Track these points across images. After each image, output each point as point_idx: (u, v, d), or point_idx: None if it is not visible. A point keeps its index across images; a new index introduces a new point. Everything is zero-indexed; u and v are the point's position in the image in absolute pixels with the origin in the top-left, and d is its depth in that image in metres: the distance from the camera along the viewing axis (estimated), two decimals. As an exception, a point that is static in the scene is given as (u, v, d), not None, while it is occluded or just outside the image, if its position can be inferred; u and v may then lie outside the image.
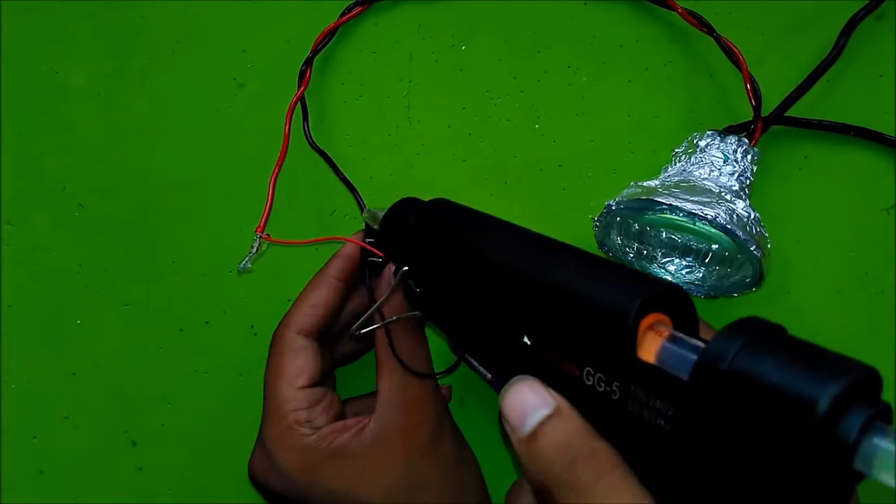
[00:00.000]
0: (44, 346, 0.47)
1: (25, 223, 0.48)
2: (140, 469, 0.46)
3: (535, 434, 0.24)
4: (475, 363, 0.42)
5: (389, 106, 0.47)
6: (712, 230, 0.36)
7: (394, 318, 0.36)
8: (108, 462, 0.46)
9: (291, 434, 0.35)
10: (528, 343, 0.27)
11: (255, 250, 0.43)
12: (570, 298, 0.25)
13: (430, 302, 0.35)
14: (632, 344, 0.23)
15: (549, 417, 0.24)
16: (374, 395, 0.40)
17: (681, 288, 0.25)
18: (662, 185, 0.39)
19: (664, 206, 0.36)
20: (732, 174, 0.39)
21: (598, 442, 0.23)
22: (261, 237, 0.43)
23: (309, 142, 0.45)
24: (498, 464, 0.44)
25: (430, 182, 0.46)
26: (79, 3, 0.48)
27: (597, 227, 0.40)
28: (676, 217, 0.37)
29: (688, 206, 0.36)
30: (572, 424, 0.24)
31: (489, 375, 0.42)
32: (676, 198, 0.36)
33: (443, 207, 0.36)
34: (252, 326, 0.46)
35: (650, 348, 0.23)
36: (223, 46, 0.48)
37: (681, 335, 0.23)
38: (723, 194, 0.37)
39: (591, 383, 0.24)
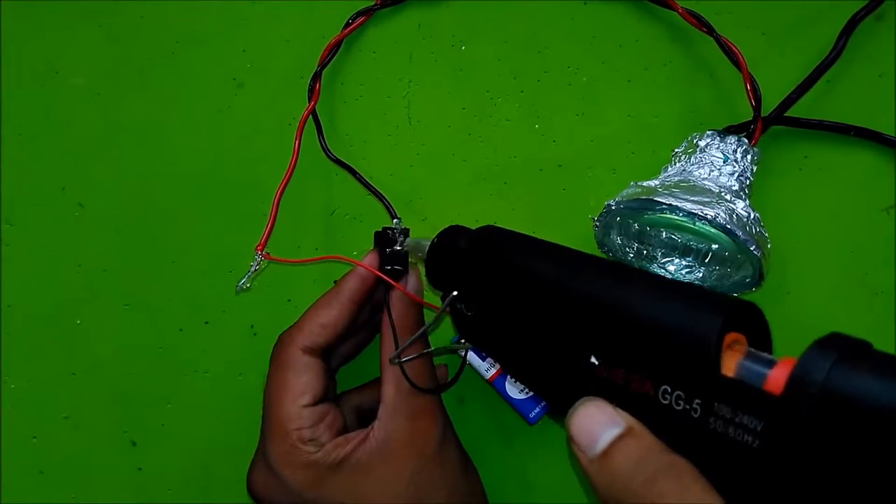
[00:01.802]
0: (44, 346, 0.47)
1: (25, 223, 0.48)
2: (140, 469, 0.46)
3: (607, 453, 0.23)
4: (475, 361, 0.42)
5: (389, 106, 0.47)
6: (712, 230, 0.36)
7: (433, 348, 0.37)
8: (108, 462, 0.46)
9: (296, 452, 0.35)
10: (596, 364, 0.27)
11: (254, 269, 0.42)
12: (647, 317, 0.25)
13: (481, 326, 0.34)
14: (716, 361, 0.23)
15: (621, 436, 0.24)
16: (372, 387, 0.40)
17: (756, 306, 0.25)
18: (662, 185, 0.39)
19: (664, 206, 0.36)
20: (732, 174, 0.39)
21: (675, 457, 0.23)
22: (261, 256, 0.42)
23: (327, 155, 0.45)
24: (498, 464, 0.44)
25: (430, 182, 0.46)
26: (79, 3, 0.48)
27: (597, 227, 0.40)
28: (676, 217, 0.37)
29: (688, 206, 0.36)
30: (646, 441, 0.23)
31: (489, 375, 0.42)
32: (676, 198, 0.36)
33: (493, 231, 0.36)
34: (252, 326, 0.46)
35: (729, 365, 0.23)
36: (223, 46, 0.48)
37: (758, 352, 0.23)
38: (723, 194, 0.37)
39: (667, 402, 0.24)
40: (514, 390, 0.42)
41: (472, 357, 0.42)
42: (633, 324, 0.26)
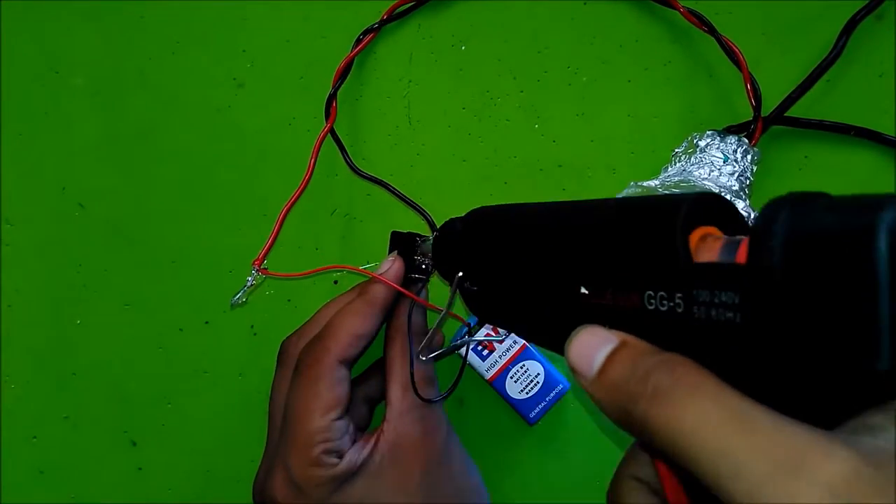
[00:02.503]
0: (44, 346, 0.47)
1: (25, 223, 0.48)
2: (140, 469, 0.46)
3: (603, 369, 0.24)
4: (475, 361, 0.42)
5: (389, 106, 0.47)
6: (712, 230, 0.36)
7: (442, 349, 0.38)
8: (108, 462, 0.46)
9: (321, 463, 0.35)
10: (586, 293, 0.27)
11: (250, 283, 0.42)
12: (617, 230, 0.26)
13: (487, 298, 0.35)
14: (685, 249, 0.23)
15: (614, 350, 0.24)
16: (377, 376, 0.40)
17: (720, 195, 0.25)
18: (662, 185, 0.39)
19: (664, 206, 0.36)
20: (732, 174, 0.39)
21: (667, 353, 0.23)
22: (257, 270, 0.42)
23: (355, 171, 0.45)
24: (499, 463, 0.44)
25: (430, 182, 0.46)
26: (79, 3, 0.48)
27: (597, 226, 0.40)
28: (676, 217, 0.37)
29: (688, 205, 0.36)
30: (639, 348, 0.23)
31: (489, 375, 0.42)
32: (676, 198, 0.36)
33: (481, 210, 0.37)
34: (252, 326, 0.46)
35: (706, 256, 0.23)
36: (223, 46, 0.48)
37: (731, 237, 0.23)
38: (723, 194, 0.37)
39: (653, 307, 0.24)
40: (514, 390, 0.42)
41: (472, 357, 0.42)
42: (606, 242, 0.26)
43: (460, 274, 0.35)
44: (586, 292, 0.27)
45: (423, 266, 0.40)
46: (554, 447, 0.45)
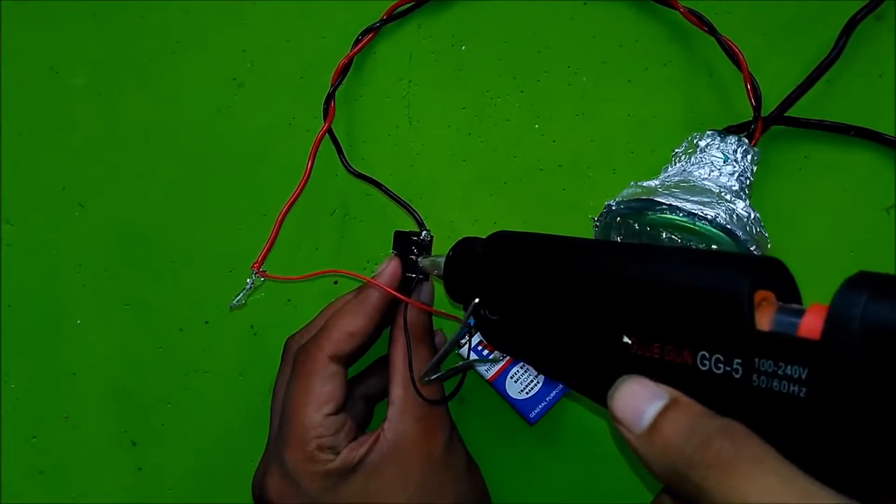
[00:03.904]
0: (44, 346, 0.47)
1: (25, 223, 0.48)
2: (140, 469, 0.46)
3: (654, 426, 0.23)
4: (475, 361, 0.42)
5: (389, 106, 0.47)
6: (712, 230, 0.36)
7: (447, 370, 0.38)
8: (108, 462, 0.46)
9: (315, 459, 0.35)
10: (630, 343, 0.27)
11: (249, 286, 0.43)
12: (674, 286, 0.25)
13: (506, 328, 0.34)
14: (750, 317, 0.23)
15: (666, 408, 0.23)
16: (377, 375, 0.41)
17: (780, 261, 0.25)
18: (662, 185, 0.39)
19: (664, 206, 0.36)
20: (732, 174, 0.39)
21: (725, 419, 0.22)
22: (256, 273, 0.42)
23: (349, 171, 0.45)
24: (498, 464, 0.44)
25: (430, 182, 0.46)
26: (79, 3, 0.48)
27: (597, 227, 0.40)
28: (676, 217, 0.37)
29: (688, 206, 0.36)
30: (693, 408, 0.23)
31: (489, 375, 0.42)
32: (676, 198, 0.36)
33: (504, 235, 0.36)
34: (252, 326, 0.46)
35: (762, 321, 0.23)
36: (223, 46, 0.48)
37: (788, 305, 0.23)
38: (723, 194, 0.37)
39: (707, 368, 0.24)
40: (514, 390, 0.42)
41: (471, 357, 0.42)
42: (660, 295, 0.25)
43: (477, 300, 0.35)
44: (630, 342, 0.27)
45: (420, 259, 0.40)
46: (554, 447, 0.45)
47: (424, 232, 0.41)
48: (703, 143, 0.40)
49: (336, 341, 0.36)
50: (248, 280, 0.42)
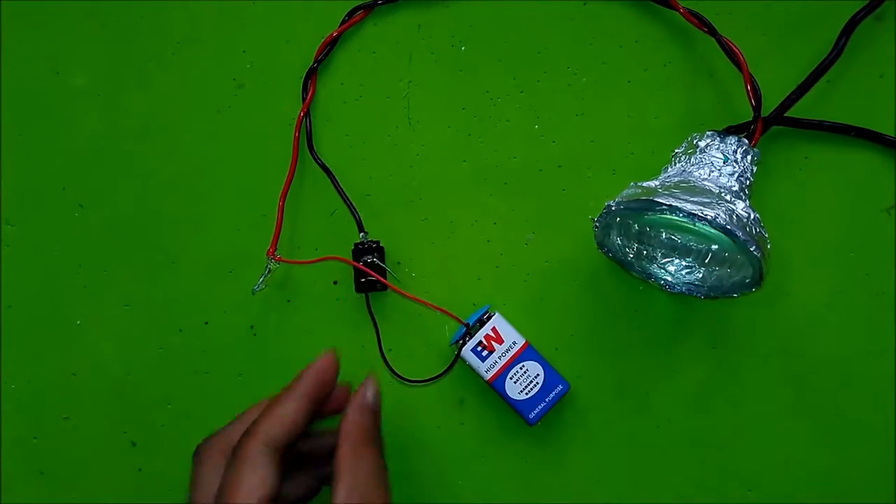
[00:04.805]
0: (44, 346, 0.47)
1: (25, 223, 0.48)
2: (140, 469, 0.46)
3: None
4: (475, 362, 0.42)
5: (389, 106, 0.47)
6: (712, 231, 0.36)
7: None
8: (108, 462, 0.46)
9: None
10: None
11: (268, 272, 0.44)
12: None
13: None
14: None
15: None
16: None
17: None
18: (662, 185, 0.39)
19: (664, 207, 0.36)
20: (732, 175, 0.39)
21: None
22: (273, 259, 0.44)
23: (313, 157, 0.46)
24: (498, 464, 0.44)
25: (430, 182, 0.46)
26: (79, 3, 0.48)
27: (597, 227, 0.40)
28: (676, 217, 0.37)
29: (688, 206, 0.36)
30: None
31: (489, 376, 0.42)
32: (676, 198, 0.36)
33: None
34: (252, 327, 0.46)
35: None
36: (223, 46, 0.48)
37: None
38: (722, 195, 0.37)
39: None
40: (513, 391, 0.42)
41: (472, 357, 0.42)
42: None
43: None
44: None
45: (375, 262, 0.44)
46: (554, 447, 0.45)
47: (362, 234, 0.43)
48: (702, 144, 0.40)
49: (268, 425, 0.36)
50: (267, 264, 0.44)
